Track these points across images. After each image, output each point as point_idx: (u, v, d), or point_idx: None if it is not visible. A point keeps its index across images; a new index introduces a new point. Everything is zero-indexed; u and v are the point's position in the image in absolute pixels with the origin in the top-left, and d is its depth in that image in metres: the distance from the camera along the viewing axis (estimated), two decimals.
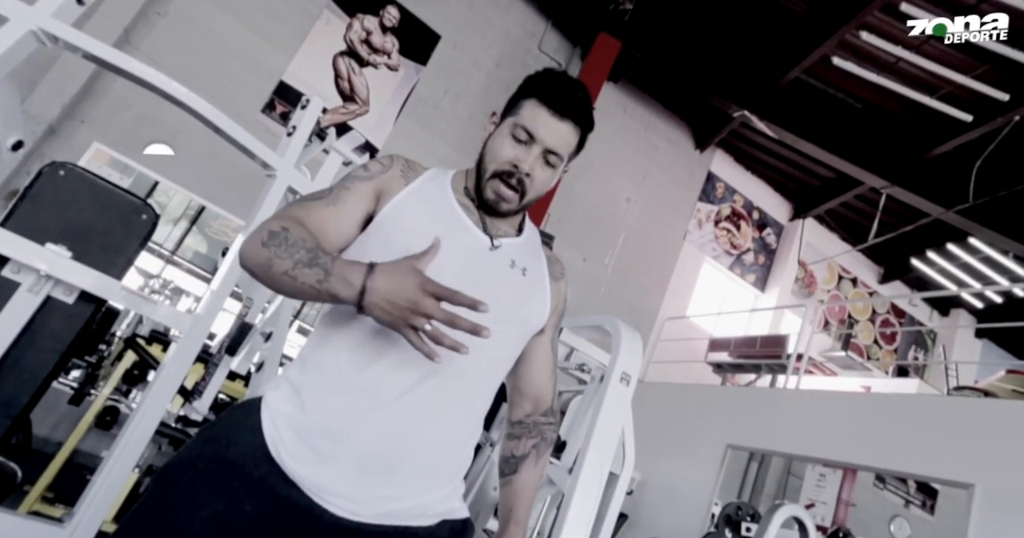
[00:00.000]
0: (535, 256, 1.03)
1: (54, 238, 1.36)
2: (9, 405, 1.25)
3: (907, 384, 6.15)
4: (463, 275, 0.88)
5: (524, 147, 0.95)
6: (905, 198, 7.14)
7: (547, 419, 1.08)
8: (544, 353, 1.07)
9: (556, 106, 0.95)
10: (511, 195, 0.96)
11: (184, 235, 7.57)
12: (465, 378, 0.90)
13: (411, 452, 0.85)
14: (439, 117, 6.68)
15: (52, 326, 1.35)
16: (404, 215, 0.94)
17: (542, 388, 1.07)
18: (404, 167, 1.00)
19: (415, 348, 0.76)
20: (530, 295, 0.99)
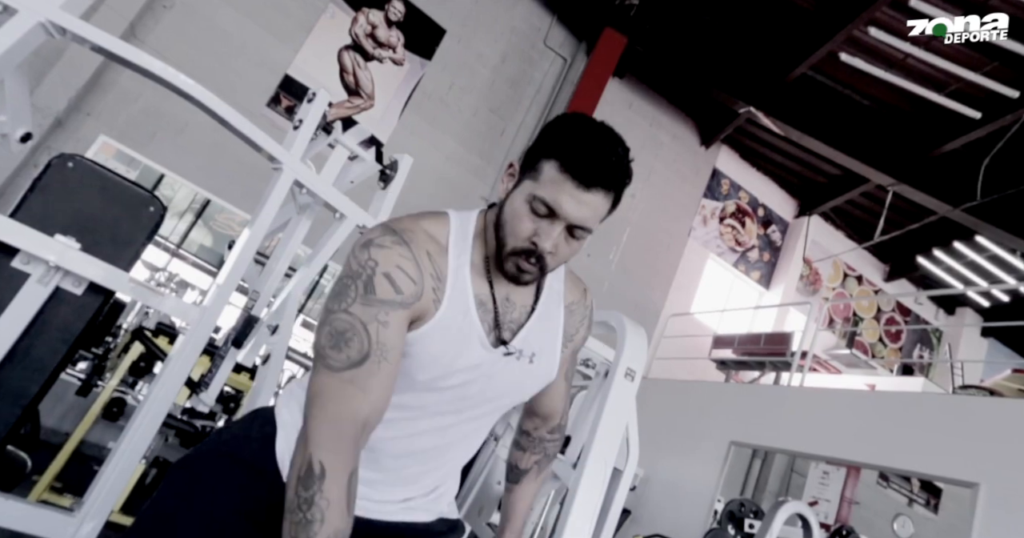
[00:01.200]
0: (550, 327, 0.96)
1: (63, 230, 1.36)
2: (19, 395, 1.26)
3: (912, 383, 6.13)
4: (468, 393, 0.90)
5: (546, 222, 0.82)
6: (912, 196, 7.10)
7: (553, 436, 1.13)
8: (557, 384, 1.07)
9: (582, 177, 0.80)
10: (532, 270, 0.86)
11: (189, 228, 7.60)
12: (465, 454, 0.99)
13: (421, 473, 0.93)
14: (444, 111, 6.67)
15: (61, 317, 1.36)
16: (427, 349, 0.85)
17: (553, 410, 1.12)
18: (433, 280, 0.85)
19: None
20: (534, 378, 0.96)
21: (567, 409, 1.15)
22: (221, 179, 5.29)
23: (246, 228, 1.87)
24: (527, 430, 1.14)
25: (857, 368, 7.04)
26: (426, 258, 0.85)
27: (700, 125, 8.44)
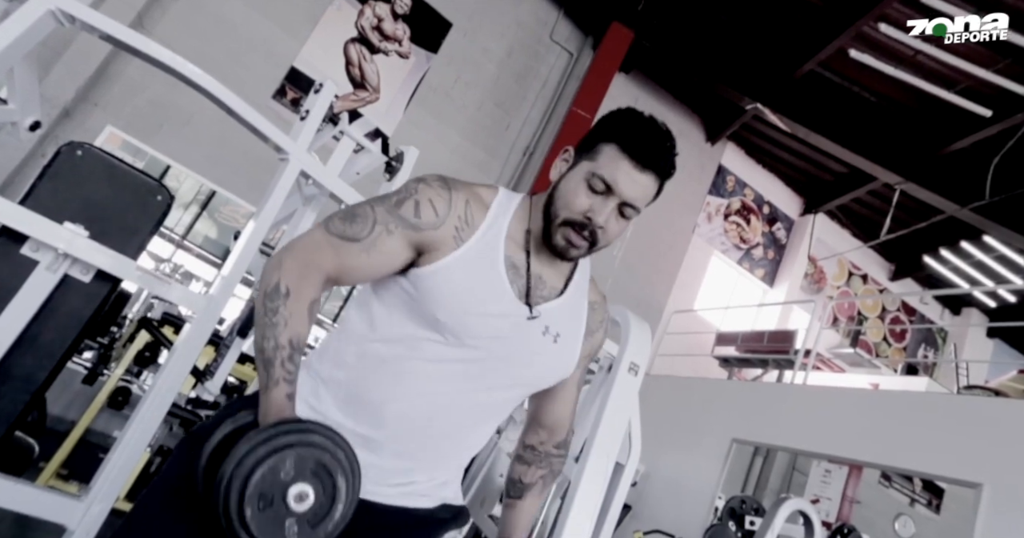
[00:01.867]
0: (575, 315, 1.00)
1: (72, 217, 1.37)
2: (27, 381, 1.26)
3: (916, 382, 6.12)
4: (489, 348, 0.91)
5: (600, 198, 0.90)
6: (919, 194, 7.07)
7: (559, 452, 1.10)
8: (568, 391, 1.07)
9: (640, 157, 0.89)
10: (582, 243, 0.92)
11: (195, 220, 7.61)
12: (476, 438, 0.97)
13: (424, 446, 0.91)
14: (449, 105, 6.66)
15: (69, 304, 1.36)
16: (445, 285, 0.88)
17: (560, 421, 1.09)
18: (461, 223, 0.91)
19: None
20: (554, 362, 0.98)
21: (573, 423, 1.12)
22: (226, 170, 5.30)
23: (251, 219, 1.87)
24: (532, 444, 1.10)
25: (861, 367, 7.03)
26: (462, 204, 0.93)
27: (706, 121, 8.41)
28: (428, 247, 0.90)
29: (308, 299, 0.85)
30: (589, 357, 1.07)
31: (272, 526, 0.70)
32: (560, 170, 0.97)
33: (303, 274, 0.86)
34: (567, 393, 1.07)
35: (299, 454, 0.73)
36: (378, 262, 0.89)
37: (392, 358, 0.89)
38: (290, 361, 0.82)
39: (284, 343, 0.82)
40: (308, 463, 0.73)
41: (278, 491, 0.71)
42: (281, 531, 0.71)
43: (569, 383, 1.06)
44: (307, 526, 0.72)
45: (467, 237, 0.91)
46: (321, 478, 0.73)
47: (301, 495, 0.72)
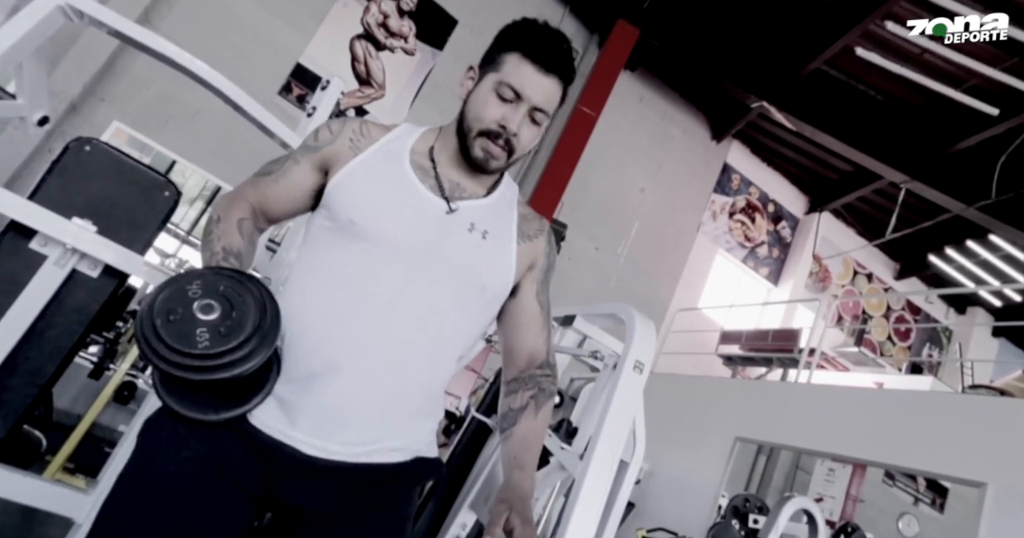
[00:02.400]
0: (502, 217, 1.01)
1: (80, 212, 1.37)
2: (36, 375, 1.27)
3: (921, 381, 6.11)
4: (410, 241, 0.91)
5: (510, 106, 0.93)
6: (925, 193, 7.04)
7: (543, 371, 1.03)
8: (529, 311, 1.03)
9: (542, 61, 0.92)
10: (500, 153, 0.94)
11: (200, 216, 7.63)
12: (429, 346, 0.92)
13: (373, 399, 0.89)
14: (455, 103, 6.42)
15: (77, 299, 1.37)
16: (349, 187, 0.93)
17: (534, 345, 1.03)
18: (355, 134, 0.98)
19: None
20: (489, 259, 0.96)
21: (550, 344, 1.05)
22: (232, 166, 5.30)
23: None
24: (512, 376, 1.03)
25: (865, 366, 7.01)
26: (357, 123, 1.00)
27: (711, 119, 8.38)
28: (329, 163, 0.96)
29: (235, 218, 0.97)
30: (539, 269, 1.04)
31: (181, 333, 0.75)
32: (467, 87, 0.98)
33: (229, 204, 0.99)
34: (527, 313, 1.03)
35: (205, 279, 0.80)
36: (286, 188, 0.98)
37: (325, 282, 0.91)
38: (224, 261, 0.91)
39: (218, 250, 0.92)
40: (215, 286, 0.80)
41: (184, 305, 0.77)
42: (192, 337, 0.75)
43: (525, 303, 1.03)
44: (218, 335, 0.77)
45: (364, 146, 0.97)
46: (229, 298, 0.79)
47: (207, 307, 0.78)
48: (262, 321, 0.79)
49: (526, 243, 1.02)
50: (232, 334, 0.77)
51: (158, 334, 0.74)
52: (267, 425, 0.85)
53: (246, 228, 0.98)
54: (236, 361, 0.77)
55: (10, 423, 1.22)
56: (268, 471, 0.85)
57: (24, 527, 2.23)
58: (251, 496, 0.85)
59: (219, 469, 0.83)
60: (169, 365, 0.74)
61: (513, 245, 0.99)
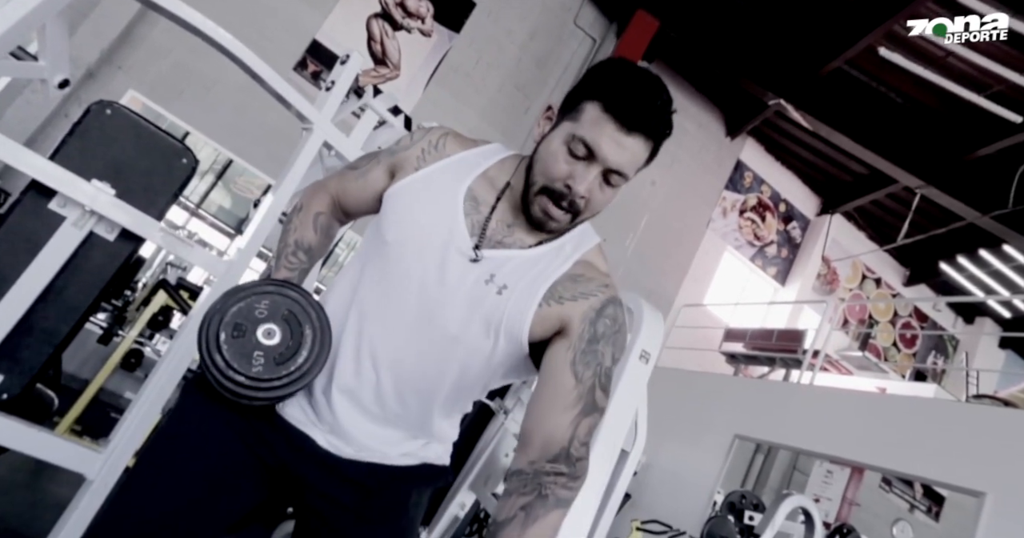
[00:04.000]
0: (538, 272, 0.86)
1: (99, 175, 1.37)
2: (51, 334, 1.28)
3: (924, 389, 6.09)
4: (425, 281, 0.86)
5: (582, 164, 0.81)
6: (940, 200, 6.97)
7: (555, 468, 0.77)
8: (555, 382, 0.82)
9: (626, 117, 0.78)
10: (561, 216, 0.84)
11: (210, 189, 7.64)
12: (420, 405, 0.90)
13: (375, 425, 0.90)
14: (469, 86, 6.61)
15: (93, 262, 1.37)
16: (397, 203, 0.90)
17: (553, 427, 0.79)
18: (428, 146, 0.93)
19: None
20: (493, 312, 0.84)
21: (580, 430, 0.79)
22: (245, 140, 5.30)
23: (270, 193, 1.87)
24: (519, 468, 0.80)
25: (868, 371, 7.00)
26: (437, 134, 0.95)
27: (727, 115, 8.31)
28: (397, 168, 0.94)
29: (314, 211, 1.01)
30: (578, 337, 0.84)
31: (242, 354, 0.80)
32: (543, 130, 0.88)
33: (314, 194, 1.03)
34: (557, 393, 0.81)
35: (274, 300, 0.84)
36: (362, 187, 0.98)
37: (344, 299, 0.91)
38: (293, 255, 0.97)
39: (290, 242, 0.98)
40: (280, 309, 0.84)
41: (250, 325, 0.82)
42: (249, 360, 0.80)
43: (556, 376, 0.82)
44: (272, 361, 0.82)
45: (431, 161, 0.91)
46: (290, 324, 0.84)
47: (270, 332, 0.82)
48: (312, 351, 0.84)
49: (554, 306, 0.85)
50: (285, 364, 0.82)
51: (220, 348, 0.80)
52: (294, 417, 0.90)
53: (322, 223, 1.01)
54: (279, 387, 0.82)
55: (24, 381, 1.23)
56: (294, 457, 0.89)
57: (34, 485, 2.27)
58: (272, 474, 0.91)
59: (249, 444, 0.89)
60: (220, 378, 0.80)
61: (533, 304, 0.84)
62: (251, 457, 0.89)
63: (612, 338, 0.85)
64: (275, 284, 0.87)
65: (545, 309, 0.85)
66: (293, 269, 0.96)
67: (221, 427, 0.88)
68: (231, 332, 0.81)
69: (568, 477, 0.77)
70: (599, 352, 0.84)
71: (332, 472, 0.89)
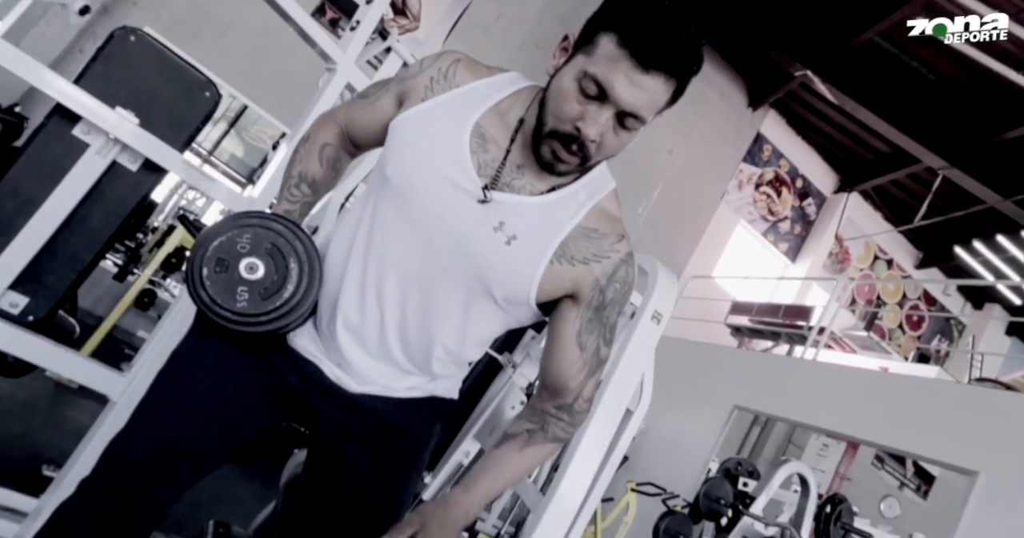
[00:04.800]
0: (549, 223, 0.82)
1: (122, 103, 1.35)
2: (74, 261, 1.28)
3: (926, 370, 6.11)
4: (430, 223, 0.81)
5: (594, 105, 0.74)
6: (962, 182, 6.83)
7: (559, 414, 0.89)
8: (565, 348, 0.86)
9: (643, 54, 0.70)
10: (570, 159, 0.78)
11: (222, 137, 7.57)
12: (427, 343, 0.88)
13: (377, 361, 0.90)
14: (489, 43, 6.46)
15: (116, 191, 1.37)
16: (399, 136, 0.85)
17: (560, 387, 0.88)
18: (438, 74, 0.86)
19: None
20: (501, 264, 0.81)
21: (585, 390, 0.88)
22: (260, 86, 5.22)
23: (284, 142, 1.85)
24: (534, 403, 0.92)
25: (871, 351, 7.02)
26: (448, 61, 0.88)
27: (750, 85, 8.11)
28: (404, 97, 0.88)
29: (320, 142, 0.97)
30: (587, 306, 0.84)
31: (225, 289, 0.80)
32: (556, 63, 0.79)
33: (322, 124, 0.99)
34: (566, 357, 0.86)
35: (256, 233, 0.82)
36: (371, 117, 0.93)
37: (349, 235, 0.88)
38: (296, 187, 0.94)
39: (294, 174, 0.95)
40: (263, 242, 0.82)
41: (232, 259, 0.81)
42: (233, 295, 0.80)
43: (565, 342, 0.86)
44: (257, 296, 0.81)
45: (440, 91, 0.85)
46: (274, 257, 0.82)
47: (252, 266, 0.81)
48: (299, 286, 0.82)
49: (565, 265, 0.82)
50: (271, 298, 0.81)
51: (204, 283, 0.80)
52: (304, 348, 0.91)
53: (328, 154, 0.97)
54: (271, 321, 0.82)
55: (49, 305, 1.25)
56: (304, 386, 0.90)
57: (54, 410, 2.34)
58: (283, 400, 0.92)
59: (261, 369, 0.90)
60: (210, 313, 0.80)
61: (543, 261, 0.81)
62: (264, 381, 0.91)
63: (620, 300, 0.87)
64: (259, 216, 0.84)
65: (555, 267, 0.82)
66: (295, 202, 0.93)
67: (234, 351, 0.89)
68: (213, 267, 0.80)
69: (567, 423, 0.90)
70: (604, 316, 0.86)
71: (341, 402, 0.90)
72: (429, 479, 2.21)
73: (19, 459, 1.78)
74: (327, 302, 0.89)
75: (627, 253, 0.87)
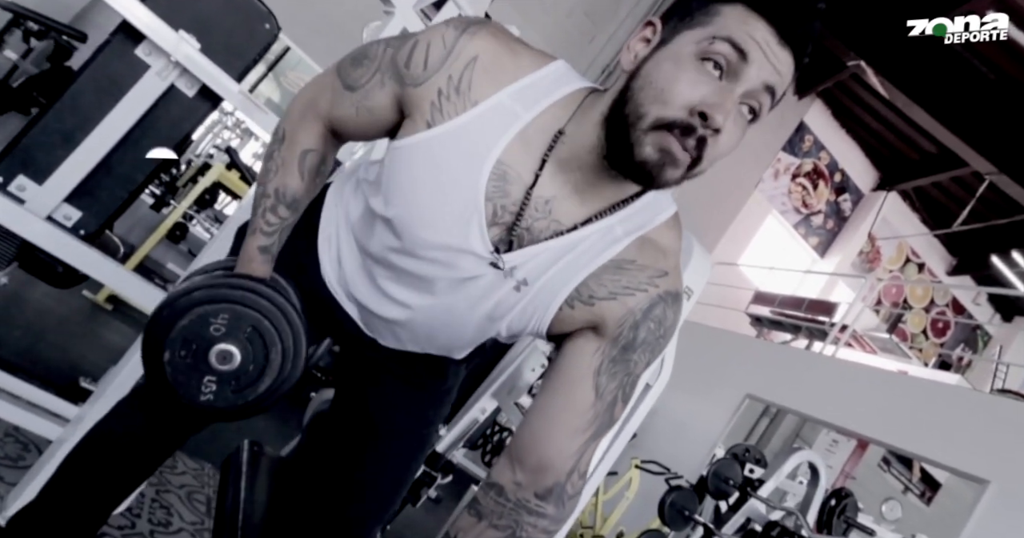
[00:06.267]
0: (570, 262, 0.68)
1: (185, 27, 1.34)
2: (126, 180, 1.30)
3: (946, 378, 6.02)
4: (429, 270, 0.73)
5: (719, 85, 0.59)
6: (1009, 189, 6.60)
7: (540, 507, 0.65)
8: (577, 390, 0.67)
9: (781, 20, 0.58)
10: (683, 158, 0.60)
11: (260, 79, 7.56)
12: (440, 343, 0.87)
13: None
14: (538, 5, 6.31)
15: (171, 115, 1.37)
16: (406, 172, 0.69)
17: (554, 453, 0.65)
18: (449, 88, 0.65)
19: None
20: (507, 308, 0.72)
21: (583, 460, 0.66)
22: (305, 30, 5.16)
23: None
24: (500, 483, 0.67)
25: (892, 354, 6.93)
26: (464, 60, 0.66)
27: (798, 71, 7.84)
28: (404, 105, 0.70)
29: (300, 148, 0.79)
30: (611, 342, 0.68)
31: (189, 376, 0.65)
32: (637, 52, 0.64)
33: (302, 118, 0.79)
34: (572, 393, 0.67)
35: (236, 313, 0.66)
36: (365, 121, 0.74)
37: (361, 234, 0.81)
38: (272, 212, 0.77)
39: (270, 191, 0.78)
40: (243, 325, 0.66)
41: (203, 343, 0.65)
42: (197, 386, 0.65)
43: (574, 375, 0.68)
44: (228, 389, 0.66)
45: (451, 114, 0.65)
46: (253, 344, 0.66)
47: (225, 355, 0.65)
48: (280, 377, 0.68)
49: (581, 307, 0.69)
50: (242, 392, 0.67)
51: (163, 367, 0.65)
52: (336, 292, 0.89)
53: (310, 163, 0.79)
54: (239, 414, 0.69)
55: (100, 221, 1.27)
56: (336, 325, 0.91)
57: (89, 329, 2.42)
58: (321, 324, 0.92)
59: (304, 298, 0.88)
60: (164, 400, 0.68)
61: (552, 307, 0.70)
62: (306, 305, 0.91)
63: (653, 344, 0.69)
64: (241, 287, 0.68)
65: (566, 312, 0.69)
66: (272, 231, 0.77)
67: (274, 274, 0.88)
68: (178, 350, 0.65)
69: (551, 520, 0.65)
70: (632, 362, 0.69)
71: (370, 345, 0.91)
72: (444, 432, 2.25)
73: (58, 369, 1.86)
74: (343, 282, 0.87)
75: (669, 291, 0.70)
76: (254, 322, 0.67)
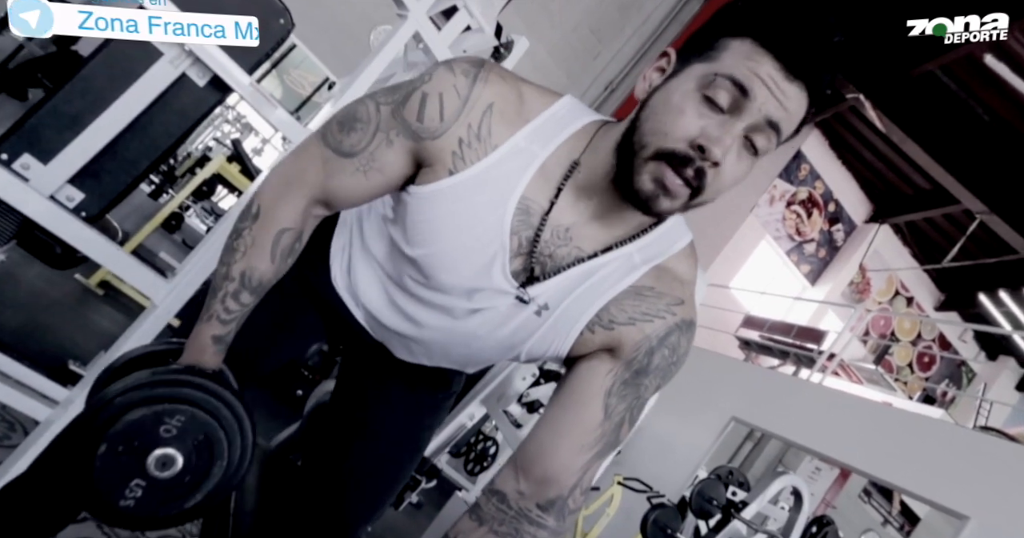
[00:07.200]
0: (587, 291, 0.71)
1: None
2: (131, 165, 1.29)
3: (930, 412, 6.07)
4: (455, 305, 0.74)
5: (720, 118, 0.60)
6: (999, 229, 6.70)
7: (542, 518, 0.66)
8: (587, 408, 0.69)
9: (789, 57, 0.58)
10: (680, 190, 0.62)
11: (264, 75, 7.58)
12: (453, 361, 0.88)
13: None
14: (545, 19, 6.37)
15: (180, 103, 1.37)
16: (432, 214, 0.69)
17: (558, 468, 0.67)
18: (469, 135, 0.67)
19: None
20: (528, 335, 0.74)
21: (586, 478, 0.68)
22: (313, 29, 5.17)
23: (339, 85, 1.83)
24: (503, 491, 0.68)
25: (877, 385, 6.97)
26: (481, 108, 0.67)
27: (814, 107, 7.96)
28: (425, 161, 0.69)
29: (277, 227, 0.72)
30: (624, 365, 0.70)
31: (117, 477, 0.58)
32: (651, 81, 0.66)
33: (281, 193, 0.73)
34: (582, 411, 0.69)
35: (193, 417, 0.60)
36: (377, 183, 0.71)
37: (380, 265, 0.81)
38: (233, 298, 0.71)
39: (235, 275, 0.71)
40: (196, 432, 0.60)
41: (146, 444, 0.58)
42: (121, 488, 0.57)
43: (585, 393, 0.70)
44: (154, 498, 0.59)
45: (473, 159, 0.67)
46: (200, 455, 0.60)
47: (166, 461, 0.59)
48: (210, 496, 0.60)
49: (601, 332, 0.71)
50: (167, 505, 0.60)
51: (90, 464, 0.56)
52: (342, 291, 0.88)
53: (284, 244, 0.73)
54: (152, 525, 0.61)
55: (102, 204, 1.26)
56: (341, 325, 0.90)
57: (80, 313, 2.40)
58: (325, 322, 0.94)
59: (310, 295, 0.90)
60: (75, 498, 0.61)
61: (574, 332, 0.72)
62: (311, 312, 0.93)
63: (665, 370, 0.72)
64: (203, 388, 0.62)
65: (587, 336, 0.71)
66: (231, 320, 0.72)
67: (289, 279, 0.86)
68: (117, 445, 0.57)
69: (550, 532, 0.67)
70: (643, 386, 0.70)
71: (376, 348, 0.91)
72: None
73: (48, 351, 1.85)
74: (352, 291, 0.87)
75: (685, 320, 0.72)
76: (208, 430, 0.61)
